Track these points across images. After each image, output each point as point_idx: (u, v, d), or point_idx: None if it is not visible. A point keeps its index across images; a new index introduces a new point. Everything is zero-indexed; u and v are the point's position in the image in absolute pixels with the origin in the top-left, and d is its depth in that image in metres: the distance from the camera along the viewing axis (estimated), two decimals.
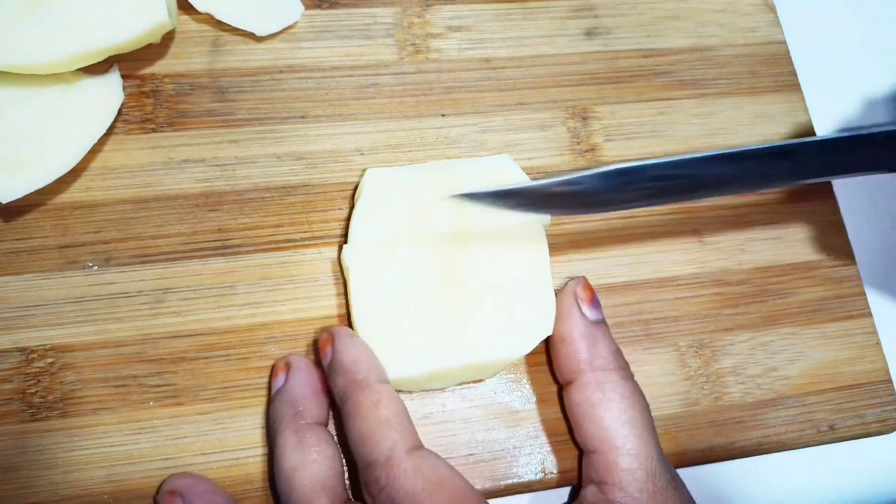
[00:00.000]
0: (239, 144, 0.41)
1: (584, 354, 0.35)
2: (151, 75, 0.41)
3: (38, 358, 0.36)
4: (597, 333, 0.36)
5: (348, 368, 0.34)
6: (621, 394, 0.35)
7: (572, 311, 0.36)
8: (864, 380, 0.41)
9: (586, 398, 0.35)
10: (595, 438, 0.34)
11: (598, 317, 0.37)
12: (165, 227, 0.39)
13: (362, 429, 0.32)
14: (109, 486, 0.35)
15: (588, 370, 0.35)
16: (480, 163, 0.40)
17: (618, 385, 0.35)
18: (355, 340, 0.35)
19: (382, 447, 0.32)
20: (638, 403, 0.35)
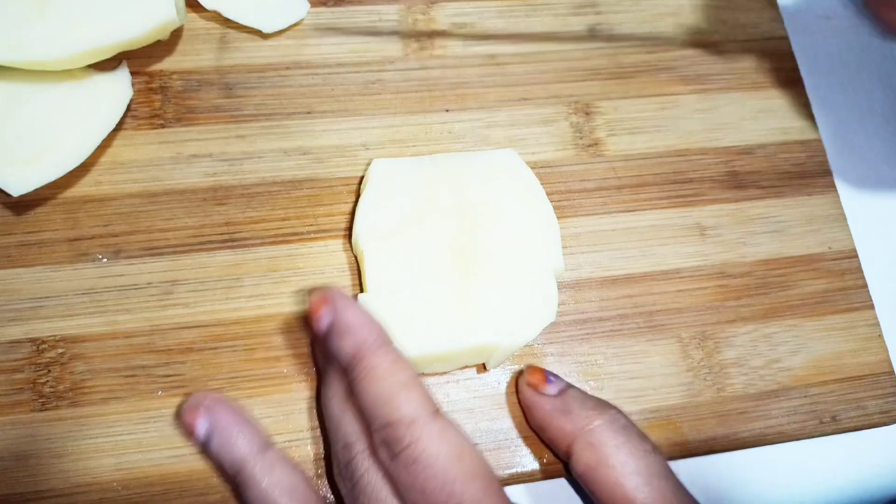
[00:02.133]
0: (246, 139, 0.41)
1: (567, 426, 0.35)
2: (160, 72, 0.42)
3: (49, 348, 0.37)
4: (566, 401, 0.36)
5: (357, 330, 0.32)
6: (615, 445, 0.34)
7: (534, 400, 0.37)
8: (866, 371, 0.41)
9: (585, 465, 0.34)
10: (609, 498, 0.34)
11: (559, 388, 0.37)
12: (174, 220, 0.39)
13: (380, 391, 0.31)
14: (119, 475, 0.35)
15: (576, 438, 0.35)
16: (486, 157, 0.40)
17: (609, 437, 0.34)
18: (355, 303, 0.33)
19: (407, 408, 0.31)
20: (636, 447, 0.34)
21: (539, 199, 0.40)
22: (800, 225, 0.44)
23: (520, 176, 0.40)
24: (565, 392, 0.36)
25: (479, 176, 0.40)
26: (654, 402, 0.39)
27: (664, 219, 0.43)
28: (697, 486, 0.39)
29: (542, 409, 0.36)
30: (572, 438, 0.35)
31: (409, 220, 0.38)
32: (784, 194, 0.44)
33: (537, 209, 0.40)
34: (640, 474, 0.33)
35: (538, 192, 0.40)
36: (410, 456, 0.30)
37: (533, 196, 0.40)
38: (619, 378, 0.39)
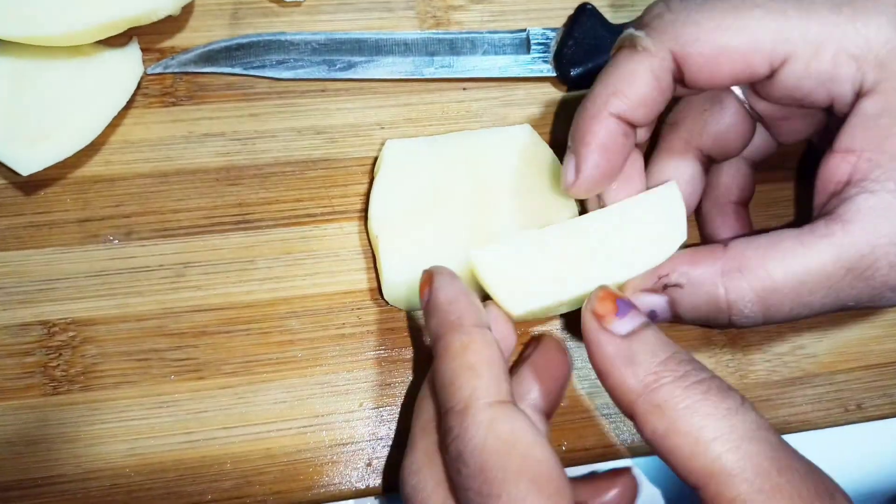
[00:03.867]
0: (259, 118, 0.40)
1: (629, 380, 0.28)
2: (171, 48, 0.41)
3: (60, 331, 0.36)
4: (633, 349, 0.28)
5: (443, 308, 0.30)
6: (687, 406, 0.27)
7: (595, 337, 0.29)
8: (892, 358, 0.40)
9: (652, 431, 0.27)
10: (686, 473, 0.27)
11: (631, 326, 0.29)
12: (186, 201, 0.39)
13: (445, 372, 0.29)
14: (132, 460, 0.35)
15: (638, 399, 0.28)
16: (501, 133, 0.40)
17: (679, 396, 0.27)
18: (454, 281, 0.31)
19: (462, 394, 0.28)
20: (717, 406, 0.27)
21: (557, 175, 0.39)
22: None
23: (536, 152, 0.39)
24: (638, 333, 0.29)
25: (494, 153, 0.39)
26: None
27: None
28: None
29: (602, 351, 0.29)
30: (634, 396, 0.28)
31: (424, 200, 0.38)
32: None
33: (555, 186, 0.39)
34: (721, 439, 0.26)
35: (556, 168, 0.39)
36: (457, 449, 0.27)
37: (550, 172, 0.39)
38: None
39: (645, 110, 0.32)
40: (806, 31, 0.29)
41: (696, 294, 0.31)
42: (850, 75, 0.30)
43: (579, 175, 0.32)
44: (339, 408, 0.36)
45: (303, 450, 0.36)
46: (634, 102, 0.31)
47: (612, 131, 0.31)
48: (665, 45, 0.30)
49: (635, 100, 0.31)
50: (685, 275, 0.32)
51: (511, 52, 0.43)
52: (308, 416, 0.36)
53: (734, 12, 0.30)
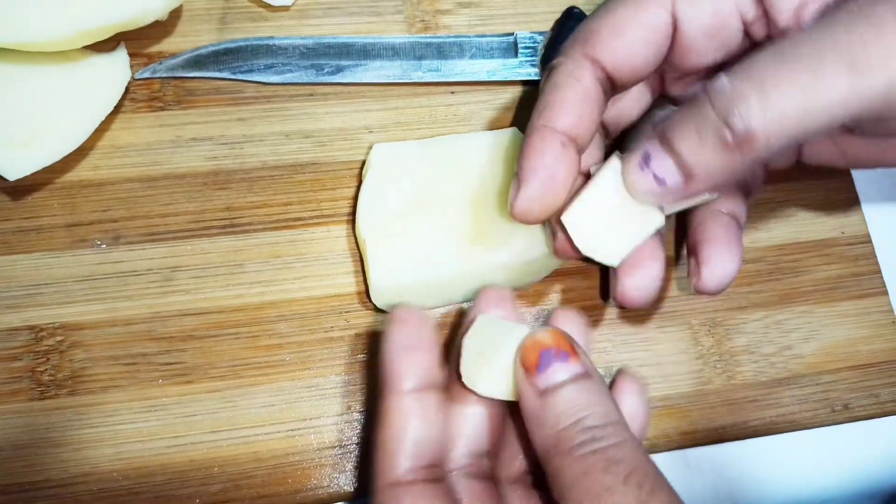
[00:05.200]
0: (247, 122, 0.40)
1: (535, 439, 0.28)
2: (159, 53, 0.41)
3: (48, 336, 0.36)
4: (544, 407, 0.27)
5: (384, 362, 0.29)
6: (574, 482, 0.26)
7: (518, 384, 0.29)
8: (879, 358, 0.40)
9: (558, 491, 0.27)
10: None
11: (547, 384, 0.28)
12: (174, 205, 0.39)
13: (374, 441, 0.29)
14: (119, 464, 0.35)
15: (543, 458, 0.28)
16: (489, 136, 0.40)
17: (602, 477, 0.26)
18: (406, 330, 0.29)
19: (373, 473, 0.28)
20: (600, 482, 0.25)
21: None
22: (813, 209, 0.43)
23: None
24: (555, 392, 0.27)
25: (482, 157, 0.39)
26: (664, 391, 0.38)
27: None
28: (707, 476, 0.39)
29: (522, 402, 0.29)
30: (541, 453, 0.28)
31: (412, 204, 0.38)
32: (797, 178, 0.43)
33: None
34: None
35: None
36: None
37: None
38: (627, 366, 0.39)
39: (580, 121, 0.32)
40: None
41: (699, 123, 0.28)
42: None
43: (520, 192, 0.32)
44: (328, 411, 0.36)
45: (291, 453, 0.36)
46: (568, 114, 0.32)
47: (547, 141, 0.32)
48: (578, 51, 0.32)
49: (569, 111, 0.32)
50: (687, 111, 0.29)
51: (499, 56, 0.43)
52: (296, 420, 0.36)
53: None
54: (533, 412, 0.28)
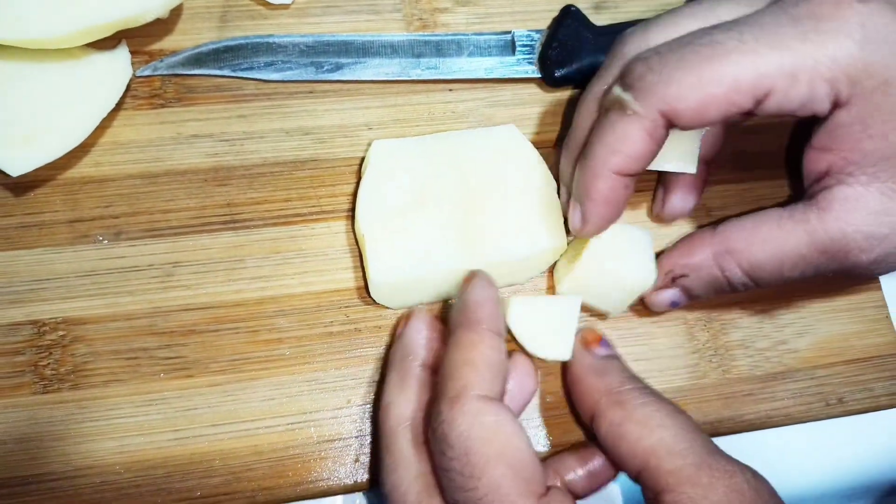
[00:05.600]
0: (247, 119, 0.41)
1: (598, 384, 0.35)
2: (160, 51, 0.41)
3: (50, 331, 0.37)
4: (606, 366, 0.36)
5: (468, 306, 0.34)
6: (642, 402, 0.33)
7: (577, 354, 0.36)
8: (873, 353, 0.41)
9: (609, 422, 0.33)
10: (631, 456, 0.32)
11: (607, 353, 0.37)
12: (175, 201, 0.39)
13: (448, 363, 0.32)
14: (121, 457, 0.35)
15: (603, 398, 0.34)
16: (487, 133, 0.40)
17: (636, 396, 0.34)
18: (489, 288, 0.35)
19: (456, 384, 0.31)
20: (663, 406, 0.33)
21: (542, 175, 0.40)
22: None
23: (521, 151, 0.40)
24: (611, 359, 0.36)
25: (480, 153, 0.39)
26: (660, 384, 0.39)
27: None
28: None
29: (580, 363, 0.36)
30: (599, 396, 0.34)
31: (410, 200, 0.38)
32: (791, 175, 0.43)
33: (540, 186, 0.39)
34: (666, 427, 0.32)
35: (541, 168, 0.40)
36: (444, 433, 0.30)
37: (535, 172, 0.40)
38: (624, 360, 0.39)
39: (641, 163, 0.34)
40: (781, 65, 0.31)
41: (700, 278, 0.36)
42: (826, 94, 0.31)
43: (586, 224, 0.36)
44: (327, 405, 0.37)
45: (291, 446, 0.36)
46: (631, 160, 0.33)
47: (613, 186, 0.34)
48: (653, 106, 0.32)
49: (632, 157, 0.33)
50: (686, 266, 0.36)
51: (496, 54, 0.43)
52: (296, 413, 0.36)
53: (711, 62, 0.31)
54: (597, 368, 0.36)
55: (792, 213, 0.34)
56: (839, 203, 0.33)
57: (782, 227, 0.34)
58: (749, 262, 0.35)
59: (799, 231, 0.33)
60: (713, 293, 0.37)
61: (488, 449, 0.30)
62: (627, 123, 0.33)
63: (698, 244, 0.36)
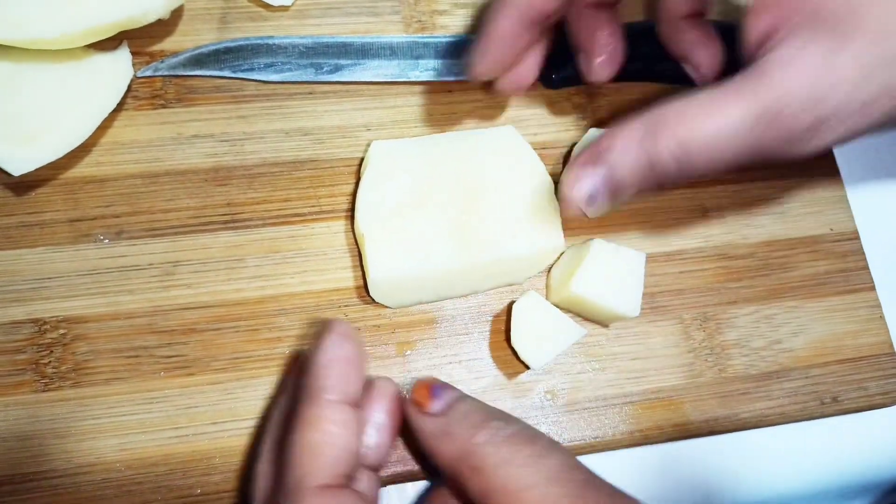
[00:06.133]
0: (247, 120, 0.41)
1: (449, 449, 0.31)
2: (160, 52, 0.42)
3: (51, 329, 0.37)
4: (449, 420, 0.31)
5: (311, 372, 0.31)
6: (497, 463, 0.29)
7: (417, 422, 0.32)
8: (867, 352, 0.41)
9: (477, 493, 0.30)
10: None
11: (444, 404, 0.32)
12: (175, 201, 0.39)
13: (288, 445, 0.30)
14: (122, 455, 0.35)
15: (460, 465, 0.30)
16: (485, 134, 0.40)
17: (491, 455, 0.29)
18: (339, 345, 0.31)
19: (294, 473, 0.29)
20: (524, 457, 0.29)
21: (540, 175, 0.40)
22: (801, 206, 0.44)
23: (520, 153, 0.40)
24: (451, 407, 0.32)
25: (478, 154, 0.40)
26: (656, 383, 0.39)
27: (666, 200, 0.42)
28: (699, 469, 0.39)
29: (423, 431, 0.32)
30: (456, 463, 0.30)
31: (409, 201, 0.38)
32: (786, 176, 0.44)
33: (538, 187, 0.40)
34: (533, 487, 0.28)
35: (539, 169, 0.40)
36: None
37: (534, 173, 0.40)
38: (621, 359, 0.39)
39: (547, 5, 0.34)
40: None
41: (626, 156, 0.32)
42: None
43: (482, 59, 0.36)
44: None
45: None
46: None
47: (514, 27, 0.35)
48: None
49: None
50: (613, 138, 0.33)
51: None
52: None
53: None
54: (439, 431, 0.31)
55: (728, 85, 0.31)
56: (776, 66, 0.30)
57: (715, 99, 0.31)
58: (678, 140, 0.31)
59: (733, 101, 0.30)
60: (641, 180, 0.33)
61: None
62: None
63: (627, 123, 0.33)
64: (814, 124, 0.30)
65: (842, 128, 0.30)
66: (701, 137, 0.31)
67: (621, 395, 0.39)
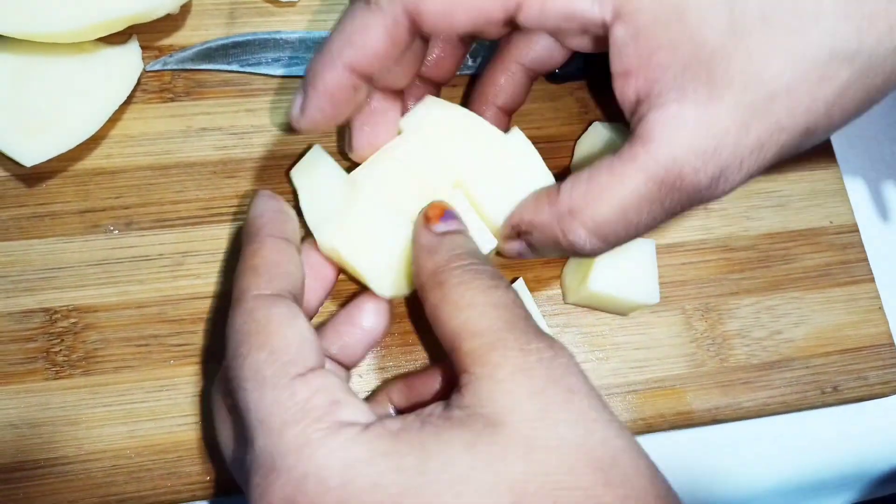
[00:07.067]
0: (255, 113, 0.42)
1: (426, 264, 0.32)
2: (170, 46, 0.42)
3: (62, 318, 0.37)
4: (439, 244, 0.33)
5: (248, 222, 0.34)
6: (459, 283, 0.31)
7: (416, 231, 0.34)
8: (867, 343, 0.42)
9: (430, 305, 0.31)
10: (443, 339, 0.30)
11: (446, 229, 0.34)
12: (184, 192, 0.40)
13: (236, 274, 0.32)
14: (132, 442, 0.36)
15: (427, 279, 0.32)
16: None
17: (455, 277, 0.31)
18: (268, 200, 0.35)
19: (237, 289, 0.31)
20: (480, 283, 0.30)
21: (540, 171, 0.40)
22: (802, 199, 0.44)
23: (520, 148, 0.40)
24: (449, 235, 0.33)
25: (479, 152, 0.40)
26: (659, 373, 0.40)
27: None
28: (702, 458, 0.40)
29: (418, 241, 0.34)
30: (425, 277, 0.32)
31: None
32: (786, 169, 0.45)
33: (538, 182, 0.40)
34: (473, 306, 0.30)
35: (539, 164, 0.40)
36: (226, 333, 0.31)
37: (534, 168, 0.40)
38: (624, 348, 0.40)
39: (378, 62, 0.32)
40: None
41: (544, 237, 0.34)
42: (588, 7, 0.30)
43: (304, 114, 0.33)
44: None
45: None
46: (366, 55, 0.31)
47: (341, 81, 0.32)
48: (399, 3, 0.31)
49: (366, 52, 0.31)
50: (530, 224, 0.34)
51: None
52: None
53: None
54: (429, 246, 0.33)
55: (621, 155, 0.31)
56: (659, 128, 0.30)
57: (615, 172, 0.31)
58: (593, 220, 0.32)
59: (631, 171, 0.30)
60: (559, 253, 0.34)
61: (254, 339, 0.29)
62: (368, 16, 0.31)
63: (543, 203, 0.33)
64: (714, 176, 0.30)
65: (744, 171, 0.30)
66: (611, 216, 0.31)
67: (624, 384, 0.39)
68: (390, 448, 0.26)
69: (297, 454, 0.26)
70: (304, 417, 0.27)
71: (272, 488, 0.26)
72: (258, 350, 0.29)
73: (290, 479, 0.26)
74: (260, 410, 0.27)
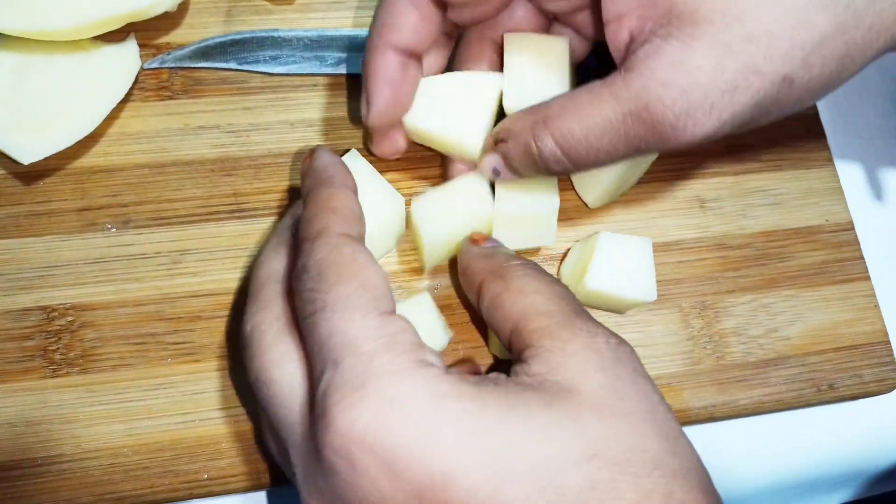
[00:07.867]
0: (253, 111, 0.42)
1: (483, 265, 0.34)
2: (167, 44, 0.42)
3: (59, 316, 0.37)
4: (493, 251, 0.35)
5: (318, 170, 0.34)
6: (522, 274, 0.33)
7: (467, 247, 0.36)
8: (862, 341, 0.42)
9: (490, 294, 0.33)
10: (504, 321, 0.32)
11: (494, 245, 0.36)
12: (182, 190, 0.40)
13: (308, 213, 0.32)
14: (129, 440, 0.36)
15: (487, 276, 0.34)
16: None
17: (517, 271, 0.33)
18: (332, 155, 0.35)
19: (318, 224, 0.31)
20: (542, 277, 0.33)
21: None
22: (798, 198, 0.44)
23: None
24: (498, 246, 0.36)
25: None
26: (656, 370, 0.40)
27: (665, 191, 0.43)
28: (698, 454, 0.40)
29: (469, 253, 0.36)
30: (485, 274, 0.34)
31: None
32: (783, 167, 0.45)
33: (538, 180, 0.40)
34: (540, 293, 0.32)
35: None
36: (303, 264, 0.30)
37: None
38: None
39: (417, 37, 0.35)
40: None
41: (517, 145, 0.35)
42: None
43: (370, 107, 0.36)
44: None
45: None
46: (404, 32, 0.34)
47: (389, 62, 0.35)
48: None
49: (404, 30, 0.34)
50: (508, 131, 0.35)
51: None
52: None
53: None
54: (483, 253, 0.35)
55: (605, 81, 0.33)
56: (641, 60, 0.31)
57: (592, 93, 0.33)
58: (560, 131, 0.33)
59: (606, 95, 0.32)
60: (530, 167, 0.35)
61: (343, 270, 0.29)
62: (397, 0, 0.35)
63: (523, 113, 0.35)
64: (682, 113, 0.31)
65: (714, 116, 0.31)
66: (578, 132, 0.33)
67: None
68: (474, 392, 0.27)
69: (390, 378, 0.27)
70: (394, 348, 0.27)
71: (361, 405, 0.26)
72: (348, 280, 0.29)
73: (381, 400, 0.26)
74: (348, 334, 0.28)
